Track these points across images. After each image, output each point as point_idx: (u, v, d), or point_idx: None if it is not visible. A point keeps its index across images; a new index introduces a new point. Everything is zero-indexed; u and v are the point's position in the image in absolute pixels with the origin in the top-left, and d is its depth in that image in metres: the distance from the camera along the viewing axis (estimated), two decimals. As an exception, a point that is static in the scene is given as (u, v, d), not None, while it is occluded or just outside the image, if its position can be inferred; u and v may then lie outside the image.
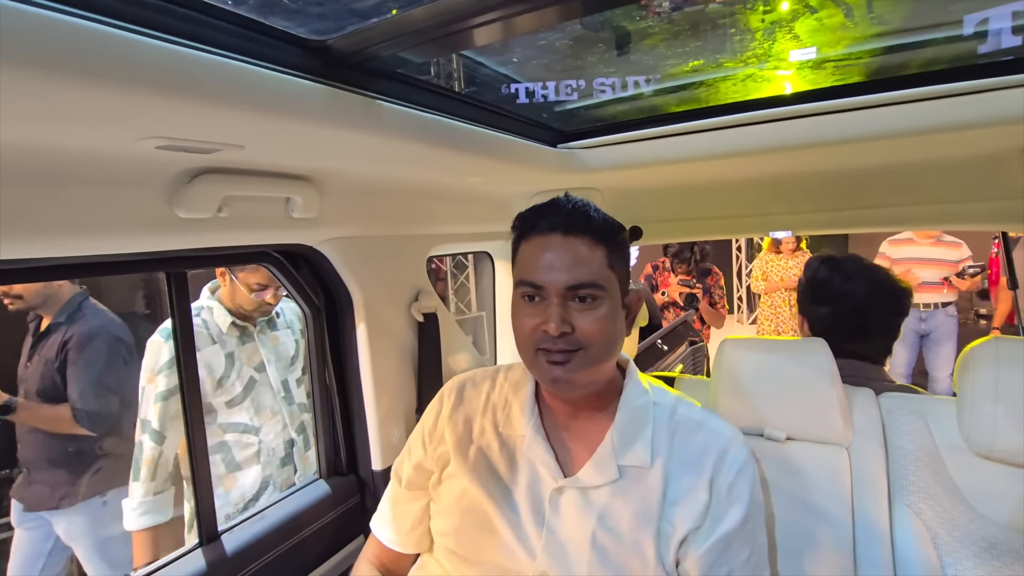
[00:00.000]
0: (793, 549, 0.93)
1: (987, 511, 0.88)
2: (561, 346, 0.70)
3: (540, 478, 0.76)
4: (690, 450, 0.75)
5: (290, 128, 0.64)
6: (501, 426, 0.81)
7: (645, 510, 0.72)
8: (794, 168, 1.29)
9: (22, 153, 0.57)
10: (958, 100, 0.89)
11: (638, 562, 0.70)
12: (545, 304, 0.71)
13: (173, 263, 0.88)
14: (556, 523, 0.74)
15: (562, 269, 0.70)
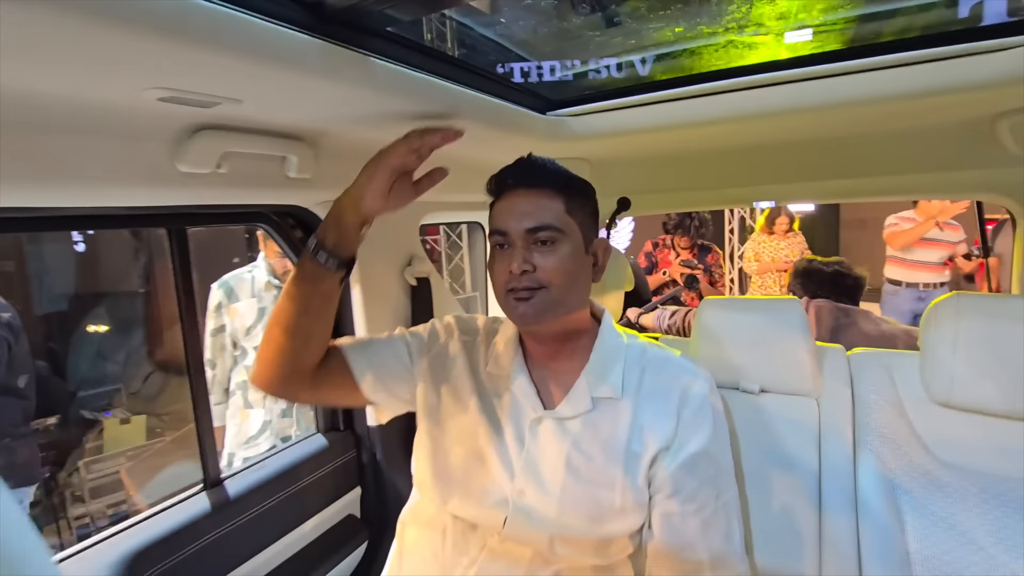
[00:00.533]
0: (764, 493, 0.99)
1: (944, 455, 0.94)
2: (525, 283, 0.77)
3: (522, 410, 0.83)
4: (658, 383, 0.82)
5: (286, 81, 0.67)
6: (489, 366, 0.88)
7: (616, 435, 0.79)
8: (776, 137, 1.33)
9: (30, 101, 0.60)
10: (928, 66, 0.93)
11: (607, 481, 0.77)
12: (512, 249, 0.79)
13: (173, 219, 0.92)
14: (534, 448, 0.80)
15: (523, 215, 0.79)
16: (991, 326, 0.91)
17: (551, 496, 0.77)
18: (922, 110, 1.10)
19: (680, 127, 1.19)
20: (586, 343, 0.85)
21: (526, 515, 0.77)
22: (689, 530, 0.76)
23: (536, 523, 0.77)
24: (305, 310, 0.81)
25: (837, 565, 0.93)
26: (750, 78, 1.04)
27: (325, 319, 0.84)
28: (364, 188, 0.79)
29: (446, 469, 0.84)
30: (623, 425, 0.79)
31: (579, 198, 0.84)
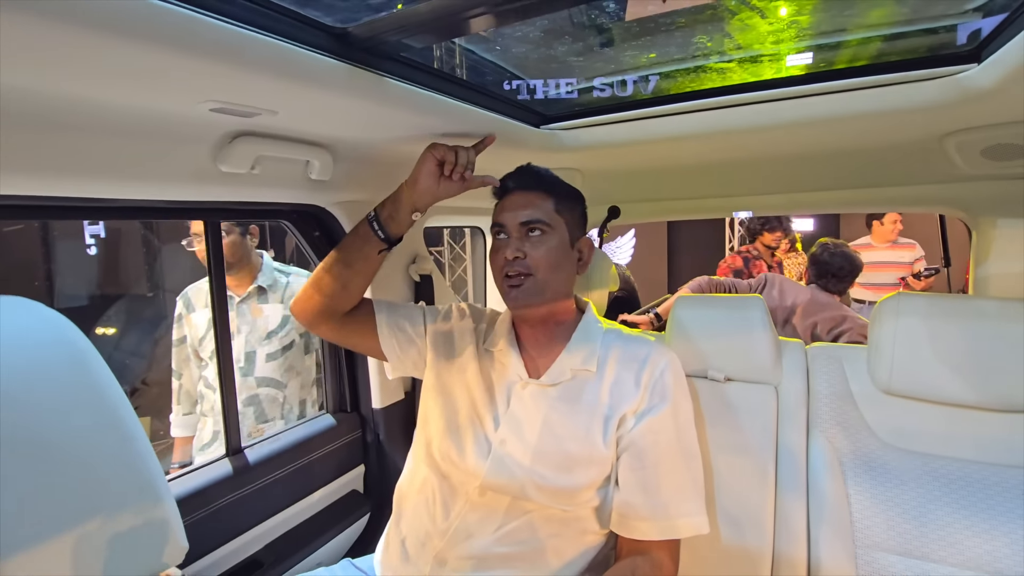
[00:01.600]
0: (726, 471, 1.10)
1: (887, 438, 1.05)
2: (517, 269, 0.91)
3: (511, 378, 0.97)
4: (626, 357, 0.95)
5: (315, 97, 0.81)
6: (487, 343, 1.02)
7: (588, 400, 0.92)
8: (751, 152, 1.46)
9: (103, 109, 0.73)
10: (877, 91, 1.06)
11: (577, 436, 0.89)
12: (508, 239, 0.94)
13: (211, 213, 1.05)
14: (518, 407, 0.93)
15: (518, 210, 0.95)
16: (927, 322, 1.03)
17: (527, 446, 0.89)
18: (878, 129, 1.23)
19: (662, 140, 1.32)
20: (570, 329, 0.99)
21: (504, 461, 0.89)
22: (650, 481, 0.88)
23: (512, 469, 0.89)
24: (349, 264, 0.96)
25: (788, 537, 1.03)
26: (719, 99, 1.18)
27: (363, 276, 0.98)
28: (418, 171, 0.95)
29: (444, 422, 0.97)
30: (595, 393, 0.92)
31: (567, 201, 1.00)
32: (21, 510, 0.36)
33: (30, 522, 0.36)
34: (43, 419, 0.38)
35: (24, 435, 0.37)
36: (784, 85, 1.13)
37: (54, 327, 0.42)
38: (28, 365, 0.39)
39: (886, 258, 3.32)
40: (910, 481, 0.99)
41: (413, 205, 0.97)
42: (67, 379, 0.40)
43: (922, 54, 1.03)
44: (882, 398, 1.08)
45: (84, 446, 0.40)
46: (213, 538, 1.04)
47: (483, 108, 1.13)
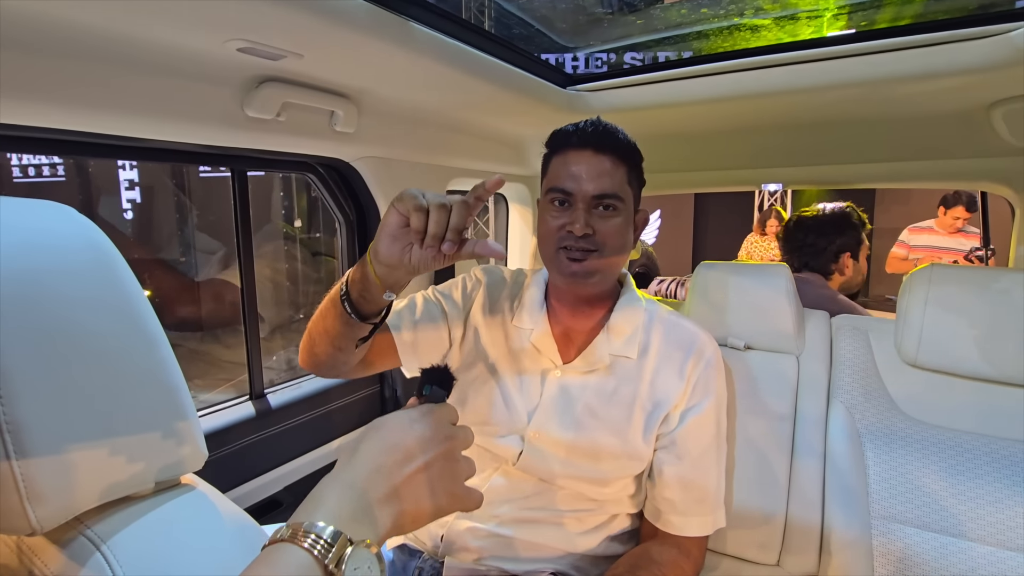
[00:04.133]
0: (743, 438, 1.09)
1: (909, 411, 1.03)
2: (582, 245, 0.81)
3: (543, 363, 0.90)
4: (669, 346, 0.89)
5: (339, 40, 0.81)
6: (515, 319, 0.93)
7: (627, 392, 0.87)
8: (782, 118, 1.41)
9: (133, 45, 0.74)
10: (923, 50, 1.01)
11: (613, 430, 0.85)
12: (571, 209, 0.82)
13: (237, 160, 1.07)
14: (550, 396, 0.88)
15: (590, 179, 0.81)
16: (960, 293, 0.99)
17: (561, 439, 0.86)
18: (919, 95, 1.17)
19: (693, 103, 1.29)
20: (608, 304, 0.92)
21: (537, 453, 0.86)
22: (688, 478, 0.86)
23: (546, 460, 0.86)
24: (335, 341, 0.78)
25: (802, 503, 1.02)
26: (755, 59, 1.14)
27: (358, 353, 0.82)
28: (379, 231, 0.66)
29: (473, 407, 0.90)
30: (636, 383, 0.87)
31: (637, 169, 0.88)
32: (41, 399, 0.37)
33: (49, 412, 0.38)
34: (69, 315, 0.40)
35: (49, 327, 0.38)
36: (822, 45, 1.09)
37: (84, 231, 0.43)
38: (58, 263, 0.40)
39: (946, 244, 3.20)
40: (932, 455, 0.97)
41: (382, 278, 0.67)
42: (94, 280, 0.42)
43: (972, 11, 0.98)
44: (907, 370, 1.05)
45: (108, 346, 0.41)
46: (236, 475, 1.09)
47: (508, 63, 1.12)
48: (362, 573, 0.38)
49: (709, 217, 7.51)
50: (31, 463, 0.37)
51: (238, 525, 0.47)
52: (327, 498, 0.41)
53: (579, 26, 1.04)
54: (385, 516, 0.42)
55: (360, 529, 0.40)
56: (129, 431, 0.42)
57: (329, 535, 0.37)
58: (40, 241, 0.40)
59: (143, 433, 0.43)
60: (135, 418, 0.43)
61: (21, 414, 0.36)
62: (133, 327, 0.43)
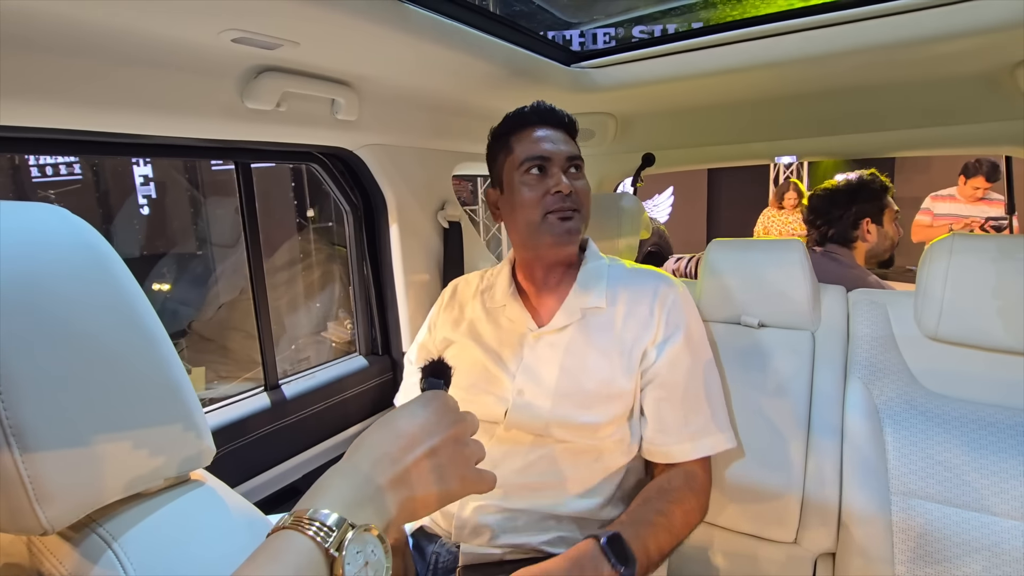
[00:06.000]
0: (758, 416, 1.08)
1: (929, 385, 1.00)
2: (568, 204, 0.91)
3: (519, 330, 0.97)
4: (636, 290, 0.95)
5: (335, 26, 0.79)
6: (488, 303, 1.03)
7: (603, 338, 0.92)
8: (795, 87, 1.36)
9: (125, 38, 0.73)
10: (945, 9, 0.96)
11: (595, 375, 0.90)
12: (548, 176, 0.92)
13: (240, 153, 1.06)
14: (531, 357, 0.94)
15: (560, 144, 0.93)
16: (982, 262, 0.96)
17: (545, 391, 0.90)
18: (940, 57, 1.12)
19: (703, 76, 1.24)
20: (573, 271, 0.99)
21: (524, 407, 0.91)
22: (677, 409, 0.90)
23: (533, 413, 0.90)
24: None
25: (819, 480, 1.01)
26: (766, 27, 1.10)
27: None
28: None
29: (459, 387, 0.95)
30: (609, 328, 0.92)
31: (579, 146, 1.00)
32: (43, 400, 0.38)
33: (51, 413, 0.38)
34: (68, 316, 0.40)
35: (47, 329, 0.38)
36: (836, 9, 1.04)
37: (79, 232, 0.43)
38: (53, 266, 0.40)
39: (969, 212, 3.13)
40: (953, 429, 0.95)
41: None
42: (91, 280, 0.42)
43: (996, -36, 0.93)
44: (926, 344, 1.03)
45: (108, 345, 0.41)
46: (254, 465, 1.10)
47: (510, 42, 1.09)
48: (364, 557, 0.38)
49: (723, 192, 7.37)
50: (37, 464, 0.37)
51: (247, 519, 0.48)
52: (331, 486, 0.41)
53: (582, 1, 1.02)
54: (392, 502, 0.42)
55: (364, 514, 0.40)
56: (133, 429, 0.43)
57: (332, 521, 0.38)
58: (35, 243, 0.40)
59: (149, 430, 0.43)
60: (139, 416, 0.43)
61: (25, 416, 0.37)
62: (132, 326, 0.43)
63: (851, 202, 1.54)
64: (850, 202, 1.54)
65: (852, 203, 1.54)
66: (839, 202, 1.55)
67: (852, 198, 1.54)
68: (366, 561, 0.38)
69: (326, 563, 0.36)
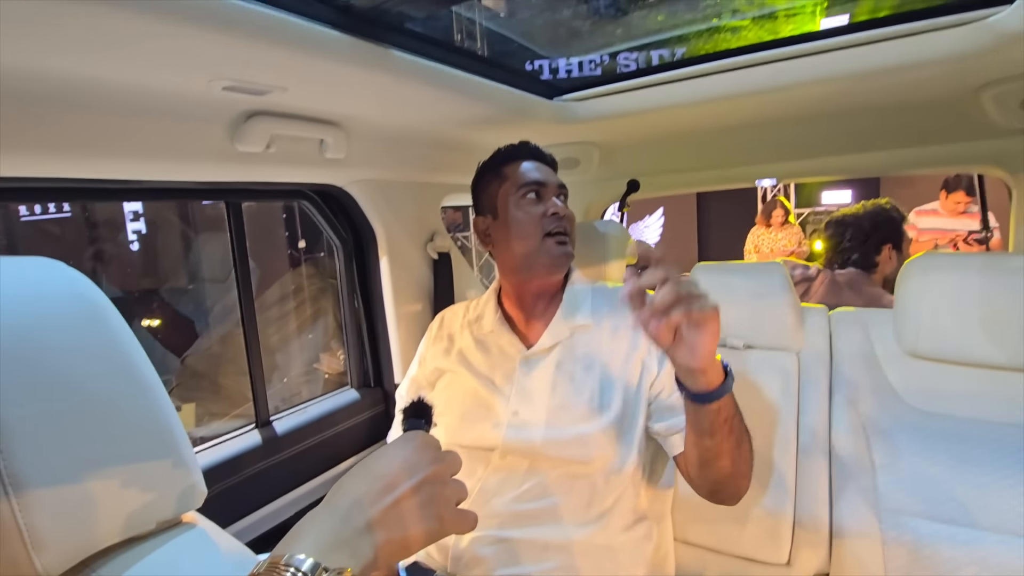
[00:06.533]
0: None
1: (912, 401, 1.02)
2: (565, 226, 0.97)
3: (509, 355, 0.99)
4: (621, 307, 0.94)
5: (322, 72, 0.82)
6: (475, 331, 1.05)
7: (593, 355, 0.94)
8: (772, 114, 1.41)
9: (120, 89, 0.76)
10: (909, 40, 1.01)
11: (586, 392, 0.92)
12: (543, 200, 0.98)
13: (231, 194, 1.08)
14: (524, 379, 0.95)
15: (549, 175, 1.02)
16: (956, 280, 0.99)
17: (540, 410, 0.91)
18: (905, 84, 1.17)
19: (680, 106, 1.29)
20: (559, 298, 1.02)
21: (520, 428, 0.92)
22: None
23: (529, 434, 0.91)
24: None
25: (810, 500, 1.02)
26: (738, 59, 1.14)
27: None
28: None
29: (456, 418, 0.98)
30: (597, 346, 0.94)
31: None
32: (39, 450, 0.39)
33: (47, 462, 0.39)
34: (63, 366, 0.41)
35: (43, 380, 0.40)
36: (803, 41, 1.09)
37: (74, 284, 0.44)
38: (48, 318, 0.41)
39: (952, 226, 3.21)
40: (938, 444, 0.96)
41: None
42: (86, 330, 0.43)
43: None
44: (908, 361, 1.05)
45: (102, 393, 0.43)
46: (246, 504, 1.10)
47: (493, 80, 1.13)
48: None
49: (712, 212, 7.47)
50: (33, 512, 0.38)
51: (238, 561, 0.48)
52: (308, 531, 0.42)
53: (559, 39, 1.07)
54: (369, 545, 0.42)
55: (340, 558, 0.40)
56: (127, 475, 0.43)
57: (307, 567, 0.38)
58: (32, 297, 0.42)
59: (141, 475, 0.44)
60: (132, 461, 0.44)
61: (21, 466, 0.38)
62: (126, 373, 0.44)
63: (874, 229, 1.66)
64: (873, 229, 1.66)
65: (875, 230, 1.66)
66: (863, 228, 1.67)
67: (875, 226, 1.66)
68: None
69: None
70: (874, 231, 1.66)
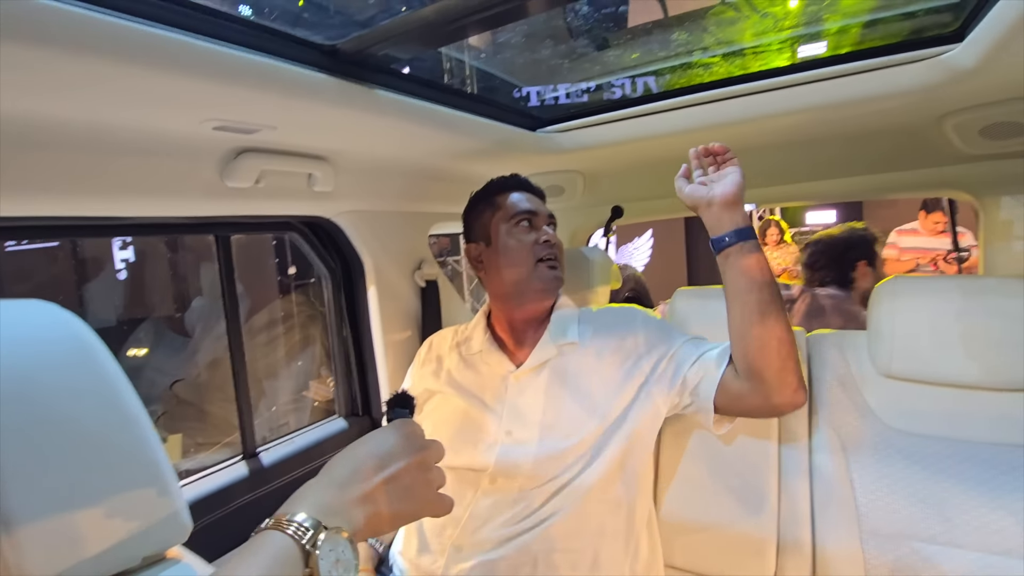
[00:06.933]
0: (730, 461, 1.10)
1: (890, 421, 1.04)
2: (555, 253, 1.02)
3: (498, 374, 1.01)
4: (608, 323, 1.03)
5: (311, 112, 0.86)
6: (464, 352, 1.08)
7: (582, 372, 0.96)
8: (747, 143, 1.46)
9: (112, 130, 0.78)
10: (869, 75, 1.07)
11: (576, 406, 0.94)
12: (535, 228, 1.04)
13: (221, 227, 1.10)
14: (514, 397, 0.97)
15: (539, 204, 1.07)
16: (925, 303, 1.02)
17: (532, 429, 0.93)
18: (870, 115, 1.23)
19: (657, 137, 1.34)
20: (546, 318, 1.06)
21: (513, 447, 0.94)
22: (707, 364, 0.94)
23: (522, 453, 0.93)
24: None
25: (792, 521, 1.03)
26: (709, 92, 1.20)
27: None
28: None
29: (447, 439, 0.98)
30: (586, 362, 0.97)
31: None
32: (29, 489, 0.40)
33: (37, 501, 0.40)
34: (54, 406, 0.42)
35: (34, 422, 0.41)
36: (770, 76, 1.14)
37: (66, 326, 0.46)
38: (41, 360, 0.43)
39: (932, 245, 3.28)
40: (915, 464, 0.98)
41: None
42: (76, 370, 0.44)
43: (904, 37, 1.04)
44: (884, 382, 1.07)
45: (91, 430, 0.44)
46: (232, 538, 1.08)
47: (477, 115, 1.17)
48: (336, 555, 0.44)
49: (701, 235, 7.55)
50: (23, 551, 0.39)
51: (222, 595, 0.49)
52: (308, 496, 0.47)
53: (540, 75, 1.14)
54: (359, 515, 0.48)
55: (336, 522, 0.45)
56: (113, 511, 0.44)
57: (308, 523, 0.43)
58: (26, 338, 0.43)
59: (127, 511, 0.45)
60: (119, 498, 0.45)
61: (11, 505, 0.39)
62: (114, 410, 0.46)
63: (848, 248, 1.79)
64: (847, 248, 1.79)
65: (849, 249, 1.79)
66: (838, 248, 1.80)
67: (849, 246, 1.79)
68: (337, 559, 0.43)
69: (302, 557, 0.42)
70: (848, 250, 1.79)
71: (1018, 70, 0.92)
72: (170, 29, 0.62)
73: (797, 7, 1.08)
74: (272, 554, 0.41)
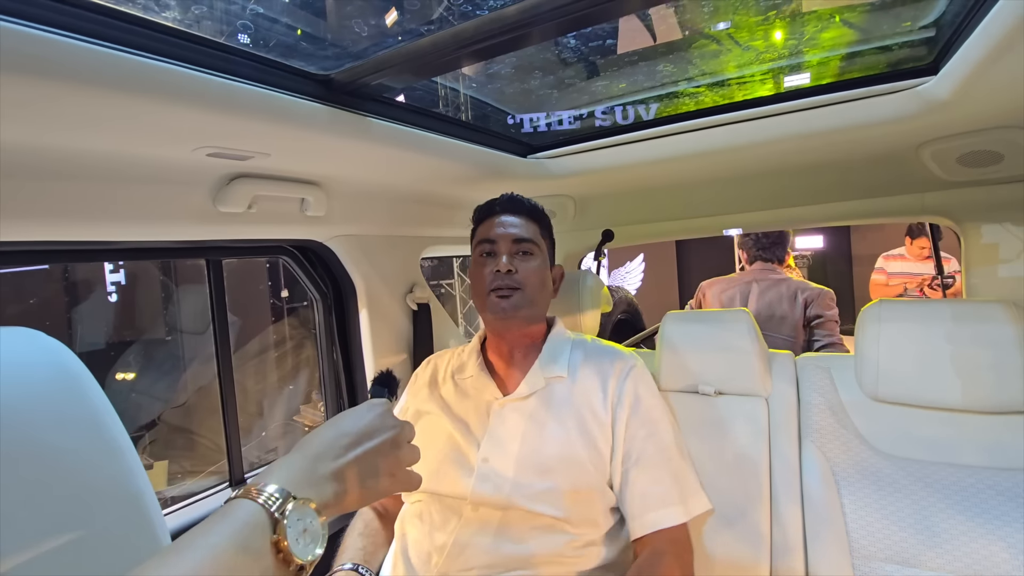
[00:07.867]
0: (722, 485, 1.10)
1: (879, 446, 1.05)
2: (508, 282, 0.98)
3: (486, 400, 1.01)
4: (595, 365, 1.02)
5: (304, 140, 0.87)
6: (457, 376, 1.08)
7: (564, 408, 0.96)
8: (736, 170, 1.50)
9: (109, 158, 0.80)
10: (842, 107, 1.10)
11: (557, 439, 0.94)
12: (496, 257, 1.01)
13: (212, 252, 1.11)
14: (497, 425, 0.97)
15: (510, 228, 1.02)
16: (909, 327, 1.04)
17: (510, 458, 0.92)
18: (852, 143, 1.26)
19: (645, 163, 1.37)
20: (539, 346, 1.05)
21: (489, 477, 0.93)
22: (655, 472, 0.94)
23: (497, 482, 0.92)
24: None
25: (785, 549, 1.02)
26: (695, 121, 1.23)
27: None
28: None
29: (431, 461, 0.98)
30: (569, 399, 0.97)
31: (547, 229, 1.11)
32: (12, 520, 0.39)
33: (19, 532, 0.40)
34: (38, 436, 0.42)
35: (17, 451, 0.41)
36: (755, 105, 1.17)
37: (51, 354, 0.46)
38: (26, 389, 0.43)
39: (919, 270, 3.33)
40: (904, 488, 0.98)
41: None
42: (61, 399, 0.44)
43: (882, 69, 1.07)
44: (872, 406, 1.08)
45: (75, 460, 0.44)
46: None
47: (468, 141, 1.19)
48: (304, 525, 0.44)
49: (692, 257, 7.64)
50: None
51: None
52: (279, 469, 0.48)
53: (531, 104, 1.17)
54: (328, 489, 0.49)
55: (306, 494, 0.46)
56: (95, 542, 0.44)
57: (277, 491, 0.44)
58: (10, 366, 0.43)
59: (109, 543, 0.45)
60: (100, 529, 0.44)
61: None
62: (99, 439, 0.46)
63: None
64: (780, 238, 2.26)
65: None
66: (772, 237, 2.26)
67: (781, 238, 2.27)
68: (304, 528, 0.44)
69: (270, 524, 0.43)
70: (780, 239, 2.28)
71: (991, 101, 0.96)
72: (167, 61, 0.63)
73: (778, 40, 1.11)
74: (241, 518, 0.42)
